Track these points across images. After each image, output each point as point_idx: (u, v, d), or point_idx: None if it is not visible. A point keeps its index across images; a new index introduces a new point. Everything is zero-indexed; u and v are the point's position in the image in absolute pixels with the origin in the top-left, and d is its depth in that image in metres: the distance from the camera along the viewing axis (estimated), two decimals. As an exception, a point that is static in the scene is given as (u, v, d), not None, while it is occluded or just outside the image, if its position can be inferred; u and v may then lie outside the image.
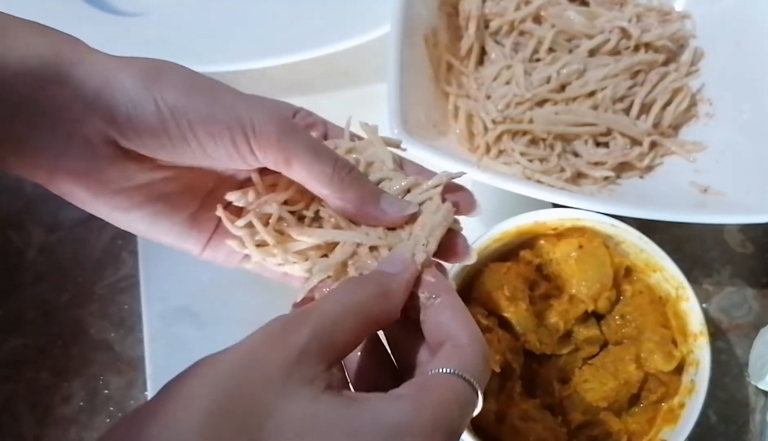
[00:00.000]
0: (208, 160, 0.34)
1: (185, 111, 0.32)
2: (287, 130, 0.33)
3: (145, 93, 0.32)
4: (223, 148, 0.33)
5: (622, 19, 0.58)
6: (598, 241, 0.50)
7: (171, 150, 0.33)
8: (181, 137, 0.32)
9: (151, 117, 0.32)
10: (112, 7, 0.65)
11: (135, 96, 0.32)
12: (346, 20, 0.60)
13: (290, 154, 0.33)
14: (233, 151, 0.33)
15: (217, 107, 0.33)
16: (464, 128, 0.56)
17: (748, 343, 0.54)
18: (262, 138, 0.33)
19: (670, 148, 0.57)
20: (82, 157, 0.32)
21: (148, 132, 0.32)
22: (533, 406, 0.47)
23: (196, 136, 0.33)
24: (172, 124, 0.32)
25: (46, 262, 0.58)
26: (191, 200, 0.36)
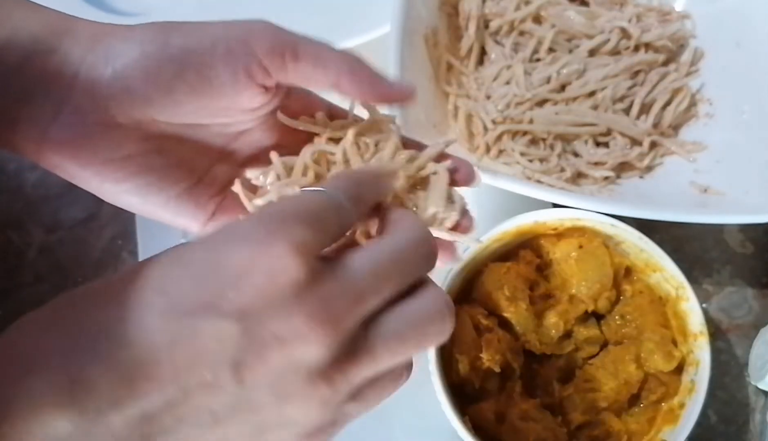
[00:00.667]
0: (207, 88, 0.32)
1: (174, 46, 0.32)
2: (283, 30, 0.33)
3: (132, 48, 0.32)
4: (221, 61, 0.32)
5: (622, 19, 0.58)
6: (598, 241, 0.50)
7: (165, 95, 0.32)
8: (173, 73, 0.32)
9: (138, 69, 0.31)
10: (112, 7, 0.65)
11: (121, 55, 0.32)
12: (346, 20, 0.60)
13: (295, 45, 0.32)
14: (233, 62, 0.32)
15: (207, 29, 0.33)
16: (464, 128, 0.56)
17: (748, 343, 0.54)
18: (260, 38, 0.32)
19: (670, 148, 0.57)
20: (71, 127, 0.32)
21: (138, 84, 0.31)
22: (533, 406, 0.47)
23: (190, 63, 0.32)
24: (165, 63, 0.32)
25: (46, 262, 0.58)
26: (187, 174, 0.35)
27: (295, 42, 0.33)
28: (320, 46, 0.33)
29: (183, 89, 0.32)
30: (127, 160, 0.33)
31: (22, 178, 0.61)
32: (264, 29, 0.33)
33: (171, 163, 0.35)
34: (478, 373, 0.46)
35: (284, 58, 0.32)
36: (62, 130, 0.32)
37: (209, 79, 0.32)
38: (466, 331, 0.47)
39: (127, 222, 0.58)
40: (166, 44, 0.32)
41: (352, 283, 0.25)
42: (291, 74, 0.33)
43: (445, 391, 0.44)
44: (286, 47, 0.32)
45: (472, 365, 0.46)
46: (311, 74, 0.33)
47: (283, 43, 0.33)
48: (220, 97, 0.33)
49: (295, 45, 0.33)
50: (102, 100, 0.32)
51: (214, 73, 0.32)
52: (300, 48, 0.33)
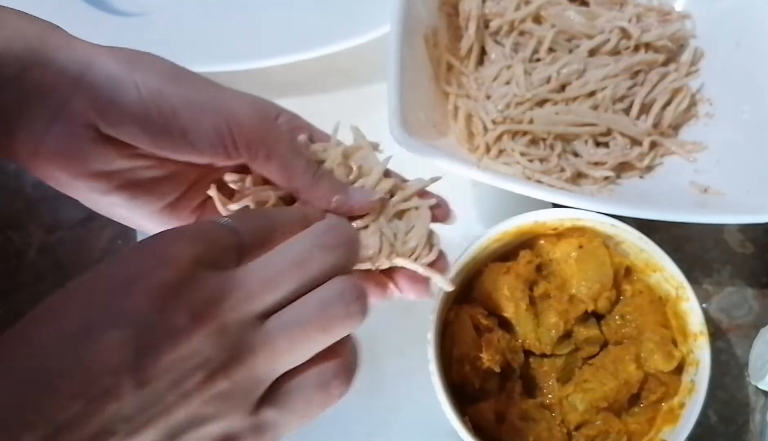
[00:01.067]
0: (188, 149, 0.34)
1: (168, 96, 0.33)
2: (270, 125, 0.35)
3: (128, 78, 0.32)
4: (205, 135, 0.33)
5: (622, 19, 0.58)
6: (598, 241, 0.50)
7: (152, 138, 0.33)
8: (162, 123, 0.33)
9: (132, 101, 0.32)
10: (112, 7, 0.65)
11: (117, 80, 0.32)
12: (346, 20, 0.60)
13: (271, 148, 0.34)
14: (215, 139, 0.33)
15: (201, 95, 0.33)
16: (464, 128, 0.56)
17: (748, 343, 0.54)
18: (245, 128, 0.33)
19: (670, 148, 0.57)
20: (63, 138, 0.33)
21: (130, 116, 0.32)
22: (533, 406, 0.47)
23: (177, 122, 0.33)
24: (154, 110, 0.32)
25: (46, 262, 0.58)
26: (172, 189, 0.37)
27: (272, 145, 0.34)
28: (293, 158, 0.35)
29: (167, 141, 0.33)
30: (116, 173, 0.34)
31: (22, 178, 0.61)
32: (251, 117, 0.34)
33: (158, 178, 0.36)
34: (478, 373, 0.46)
35: (258, 156, 0.34)
36: (56, 141, 0.33)
37: (191, 144, 0.34)
38: (466, 331, 0.47)
39: (127, 222, 0.58)
40: (161, 93, 0.33)
41: (240, 282, 0.27)
42: (258, 168, 0.35)
43: (445, 391, 0.44)
44: (261, 147, 0.34)
45: (472, 365, 0.46)
46: (275, 177, 0.35)
47: (263, 139, 0.34)
48: (199, 154, 0.34)
49: (270, 148, 0.34)
50: (96, 116, 0.33)
51: (196, 142, 0.33)
52: (274, 152, 0.34)
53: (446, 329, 0.47)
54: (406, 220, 0.37)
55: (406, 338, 0.53)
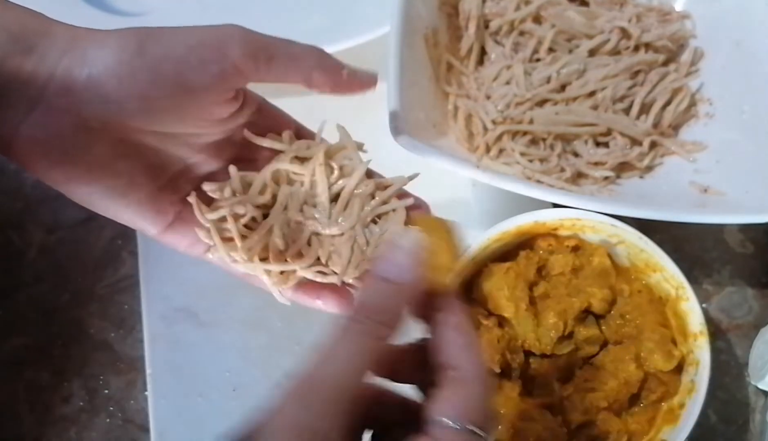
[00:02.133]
0: (179, 106, 0.33)
1: (151, 56, 0.32)
2: (254, 33, 0.34)
3: (110, 57, 0.32)
4: (199, 68, 0.33)
5: (622, 19, 0.58)
6: (596, 241, 0.50)
7: (139, 102, 0.32)
8: (152, 82, 0.32)
9: (116, 69, 0.32)
10: (112, 7, 0.65)
11: (99, 61, 0.32)
12: (346, 20, 0.60)
13: (268, 46, 0.34)
14: (211, 68, 0.33)
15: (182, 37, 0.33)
16: (463, 128, 0.56)
17: (748, 343, 0.54)
18: (237, 43, 0.33)
19: (670, 148, 0.57)
20: (43, 126, 0.32)
21: (114, 85, 0.32)
22: (533, 406, 0.47)
23: (167, 73, 0.32)
24: (141, 75, 0.32)
25: (46, 262, 0.58)
26: (151, 180, 0.36)
27: (267, 43, 0.34)
28: (290, 44, 0.35)
29: (157, 96, 0.33)
30: (96, 162, 0.34)
31: (22, 179, 0.61)
32: (236, 34, 0.34)
33: (137, 169, 0.35)
34: (478, 373, 0.46)
35: (258, 60, 0.34)
36: (34, 129, 0.32)
37: (183, 86, 0.33)
38: (466, 331, 0.46)
39: (127, 222, 0.58)
40: (141, 52, 0.32)
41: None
42: (265, 74, 0.34)
43: (445, 391, 0.44)
44: (259, 49, 0.34)
45: (472, 365, 0.46)
46: (285, 72, 0.35)
47: (256, 45, 0.34)
48: (193, 104, 0.34)
49: (267, 46, 0.34)
50: (75, 103, 0.32)
51: (188, 79, 0.33)
52: (272, 48, 0.34)
53: (446, 329, 0.47)
54: (381, 224, 0.37)
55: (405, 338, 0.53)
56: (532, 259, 0.50)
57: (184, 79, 0.33)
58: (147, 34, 0.33)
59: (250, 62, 0.34)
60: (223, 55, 0.33)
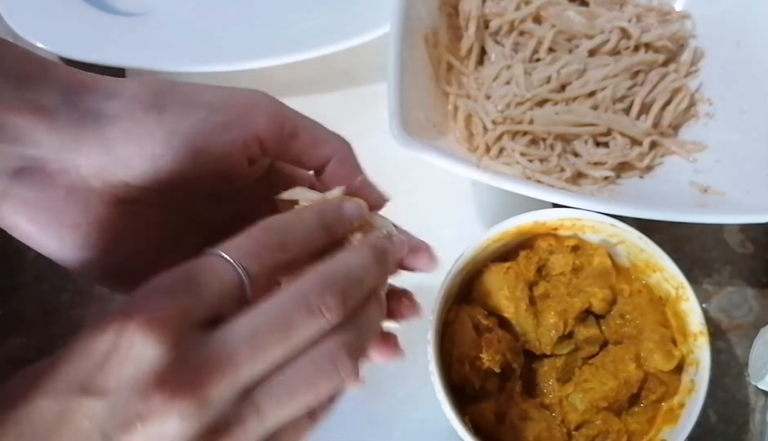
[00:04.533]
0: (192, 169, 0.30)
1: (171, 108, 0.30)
2: (282, 105, 0.32)
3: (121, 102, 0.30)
4: (218, 137, 0.30)
5: (622, 19, 0.58)
6: (596, 241, 0.50)
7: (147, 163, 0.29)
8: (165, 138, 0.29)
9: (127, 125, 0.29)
10: (112, 7, 0.65)
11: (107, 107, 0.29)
12: (346, 20, 0.60)
13: (294, 122, 0.32)
14: (233, 137, 0.30)
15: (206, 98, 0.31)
16: (463, 128, 0.56)
17: (748, 343, 0.54)
18: (262, 113, 0.31)
19: (670, 148, 0.57)
20: (34, 186, 0.29)
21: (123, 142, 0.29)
22: (533, 406, 0.47)
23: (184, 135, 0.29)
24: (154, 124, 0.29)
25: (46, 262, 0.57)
26: (155, 241, 0.33)
27: (294, 119, 0.32)
28: (317, 126, 0.33)
29: (169, 157, 0.30)
30: (93, 226, 0.30)
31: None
32: (263, 102, 0.32)
33: (141, 229, 0.32)
34: (478, 373, 0.46)
35: (282, 134, 0.31)
36: (24, 189, 0.29)
37: (200, 149, 0.30)
38: (466, 331, 0.46)
39: (127, 222, 0.58)
40: (158, 107, 0.30)
41: (222, 352, 0.25)
42: (285, 149, 0.32)
43: (445, 391, 0.44)
44: (286, 123, 0.32)
45: (472, 365, 0.46)
46: (306, 153, 0.33)
47: (283, 117, 0.32)
48: (207, 168, 0.31)
49: (294, 122, 0.32)
50: (74, 159, 0.29)
51: (207, 143, 0.30)
52: (298, 124, 0.32)
53: (446, 329, 0.47)
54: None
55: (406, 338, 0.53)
56: (532, 259, 0.50)
57: (203, 141, 0.30)
58: (165, 89, 0.30)
59: (275, 134, 0.31)
60: (247, 122, 0.31)
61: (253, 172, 0.33)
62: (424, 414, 0.50)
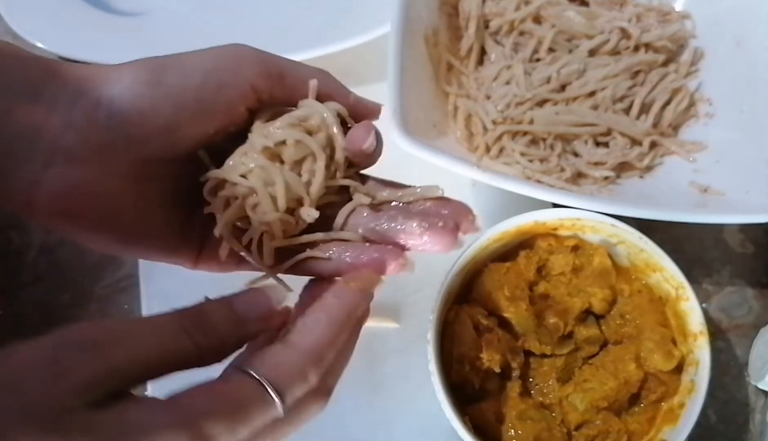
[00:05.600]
0: (202, 130, 0.33)
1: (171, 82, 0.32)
2: (265, 53, 0.35)
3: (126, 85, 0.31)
4: (218, 97, 0.33)
5: (622, 20, 0.58)
6: (596, 241, 0.50)
7: (163, 134, 0.32)
8: (172, 108, 0.32)
9: (136, 104, 0.31)
10: (112, 7, 0.65)
11: (115, 92, 0.31)
12: (346, 20, 0.60)
13: (280, 66, 0.35)
14: (229, 94, 0.33)
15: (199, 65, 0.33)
16: (463, 128, 0.56)
17: (748, 343, 0.54)
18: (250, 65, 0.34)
19: (670, 148, 0.57)
20: (64, 177, 0.30)
21: (137, 121, 0.31)
22: (533, 406, 0.47)
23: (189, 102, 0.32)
24: (161, 98, 0.31)
25: (46, 262, 0.58)
26: (176, 210, 0.35)
27: (277, 61, 0.35)
28: (298, 64, 0.36)
29: (180, 124, 0.32)
30: (124, 208, 0.33)
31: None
32: (249, 54, 0.34)
33: (162, 201, 0.35)
34: (478, 373, 0.46)
35: (272, 80, 0.34)
36: (55, 183, 0.30)
37: (204, 111, 0.33)
38: (466, 331, 0.47)
39: (127, 222, 0.58)
40: (158, 83, 0.32)
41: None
42: (278, 91, 0.35)
43: (445, 391, 0.44)
44: (271, 67, 0.34)
45: (472, 365, 0.46)
46: (294, 89, 0.35)
47: (268, 63, 0.34)
48: (213, 125, 0.33)
49: (278, 64, 0.35)
50: (97, 149, 0.31)
51: (209, 104, 0.33)
52: (282, 66, 0.35)
53: (446, 329, 0.47)
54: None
55: (406, 338, 0.53)
56: (532, 259, 0.50)
57: (205, 104, 0.32)
58: (160, 65, 0.33)
59: (266, 81, 0.34)
60: (240, 76, 0.33)
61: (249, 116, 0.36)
62: (424, 414, 0.50)
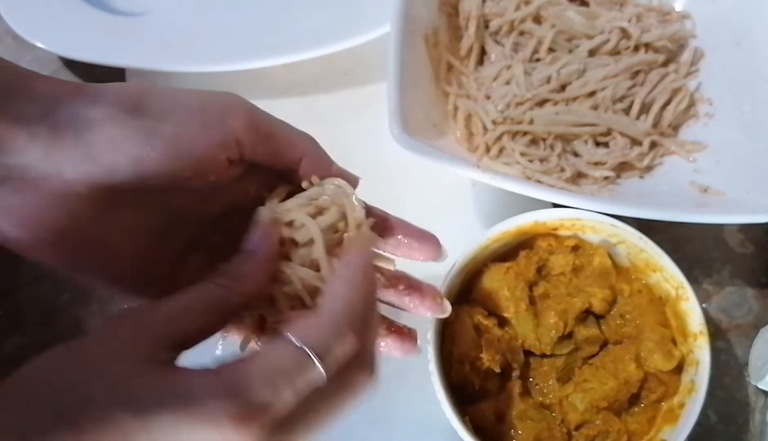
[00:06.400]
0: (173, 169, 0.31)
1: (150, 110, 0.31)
2: (255, 107, 0.34)
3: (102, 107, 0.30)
4: (197, 138, 0.31)
5: (622, 20, 0.58)
6: (596, 241, 0.50)
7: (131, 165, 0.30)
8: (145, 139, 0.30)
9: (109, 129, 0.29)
10: (112, 7, 0.65)
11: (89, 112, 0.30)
12: (346, 20, 0.60)
13: (269, 123, 0.34)
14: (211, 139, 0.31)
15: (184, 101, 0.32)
16: (463, 128, 0.56)
17: (748, 343, 0.54)
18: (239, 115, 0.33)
19: (670, 148, 0.57)
20: (19, 193, 0.29)
21: (106, 146, 0.30)
22: (533, 406, 0.47)
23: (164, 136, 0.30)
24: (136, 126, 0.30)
25: (46, 262, 0.58)
26: (142, 242, 0.33)
27: (267, 118, 0.34)
28: (287, 126, 0.35)
29: (151, 158, 0.30)
30: (81, 230, 0.30)
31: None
32: (239, 104, 0.33)
33: (127, 230, 0.32)
34: (478, 373, 0.46)
35: (258, 135, 0.33)
36: (10, 196, 0.29)
37: (180, 151, 0.31)
38: (466, 331, 0.47)
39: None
40: (138, 110, 0.30)
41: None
42: (261, 148, 0.33)
43: (445, 391, 0.44)
44: (260, 123, 0.33)
45: (472, 365, 0.46)
46: (278, 151, 0.34)
47: (257, 118, 0.33)
48: (188, 168, 0.31)
49: (267, 121, 0.34)
50: (58, 166, 0.29)
51: (187, 144, 0.31)
52: (272, 124, 0.34)
53: (446, 329, 0.47)
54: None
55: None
56: (532, 259, 0.50)
57: (182, 141, 0.31)
58: (143, 92, 0.31)
59: (251, 135, 0.33)
60: (225, 124, 0.32)
61: (232, 172, 0.34)
62: (424, 414, 0.50)
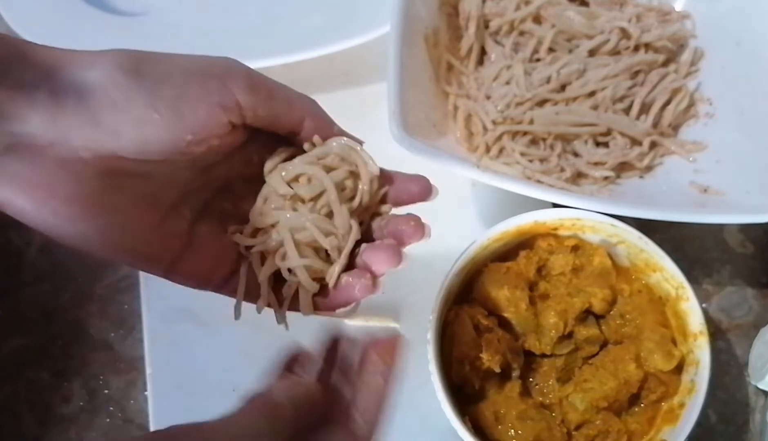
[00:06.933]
0: (176, 133, 0.31)
1: (149, 73, 0.31)
2: (255, 72, 0.34)
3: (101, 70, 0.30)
4: (198, 101, 0.31)
5: (622, 20, 0.58)
6: (596, 241, 0.50)
7: (134, 128, 0.30)
8: (147, 101, 0.30)
9: (109, 92, 0.29)
10: (112, 7, 0.65)
11: (88, 76, 0.30)
12: (346, 20, 0.60)
13: (269, 86, 0.34)
14: (211, 101, 0.31)
15: (183, 64, 0.32)
16: (463, 128, 0.56)
17: (748, 343, 0.54)
18: (239, 78, 0.33)
19: (670, 148, 0.57)
20: (25, 160, 0.29)
21: (107, 109, 0.29)
22: (533, 406, 0.47)
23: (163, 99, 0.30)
24: (136, 88, 0.30)
25: (46, 262, 0.58)
26: (150, 212, 0.33)
27: (266, 81, 0.34)
28: (287, 88, 0.35)
29: (153, 120, 0.30)
30: (88, 198, 0.30)
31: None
32: (239, 68, 0.33)
33: (133, 201, 0.32)
34: (478, 373, 0.46)
35: (259, 97, 0.33)
36: (16, 164, 0.29)
37: (181, 113, 0.31)
38: (466, 331, 0.47)
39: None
40: (138, 73, 0.30)
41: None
42: (262, 112, 0.33)
43: (445, 391, 0.44)
44: (260, 86, 0.33)
45: (472, 365, 0.46)
46: (279, 113, 0.34)
47: (257, 81, 0.33)
48: (193, 129, 0.31)
49: (267, 84, 0.34)
50: (62, 132, 0.29)
51: (188, 106, 0.31)
52: (271, 87, 0.34)
53: (446, 329, 0.47)
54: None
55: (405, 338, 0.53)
56: (532, 259, 0.50)
57: (184, 104, 0.31)
58: (142, 56, 0.31)
59: (252, 97, 0.32)
60: (225, 85, 0.32)
61: (235, 138, 0.34)
62: (424, 414, 0.50)
